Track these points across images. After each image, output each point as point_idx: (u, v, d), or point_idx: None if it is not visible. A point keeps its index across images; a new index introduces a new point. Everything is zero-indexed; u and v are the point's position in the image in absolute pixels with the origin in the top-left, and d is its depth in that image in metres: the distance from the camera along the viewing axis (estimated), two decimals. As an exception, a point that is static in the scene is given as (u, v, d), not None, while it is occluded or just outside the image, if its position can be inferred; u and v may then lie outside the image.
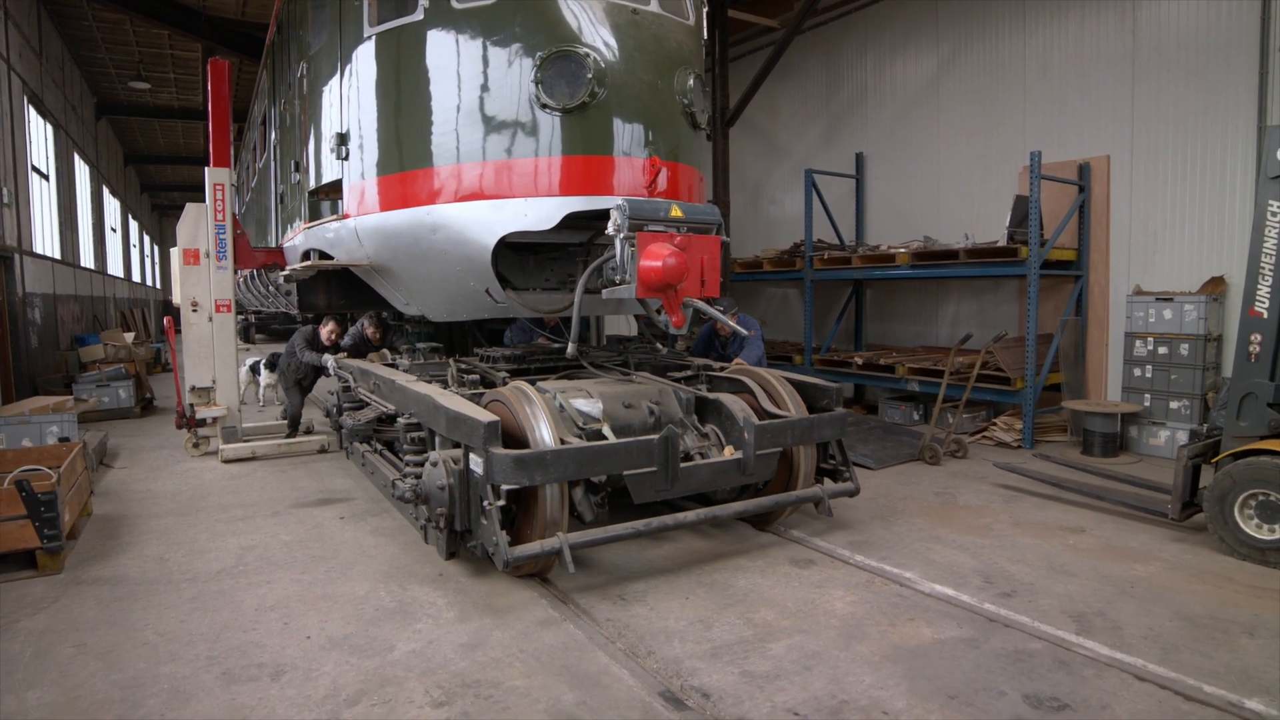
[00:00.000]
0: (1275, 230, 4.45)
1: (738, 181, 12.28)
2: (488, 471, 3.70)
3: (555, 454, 3.80)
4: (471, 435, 3.80)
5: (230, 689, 3.15)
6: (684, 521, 4.30)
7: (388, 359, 6.47)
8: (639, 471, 4.04)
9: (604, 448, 3.97)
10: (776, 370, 5.37)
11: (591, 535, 3.98)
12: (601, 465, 3.96)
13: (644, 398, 4.76)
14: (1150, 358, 7.23)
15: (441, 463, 4.01)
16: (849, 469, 5.06)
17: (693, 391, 5.01)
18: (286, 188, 7.64)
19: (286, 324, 22.16)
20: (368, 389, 5.83)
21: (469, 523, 3.98)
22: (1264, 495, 4.39)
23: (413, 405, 4.67)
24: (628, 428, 4.56)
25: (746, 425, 4.37)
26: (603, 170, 4.82)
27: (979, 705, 2.97)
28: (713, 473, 4.36)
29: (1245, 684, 3.11)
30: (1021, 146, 8.50)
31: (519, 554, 3.72)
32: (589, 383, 4.89)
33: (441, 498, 3.99)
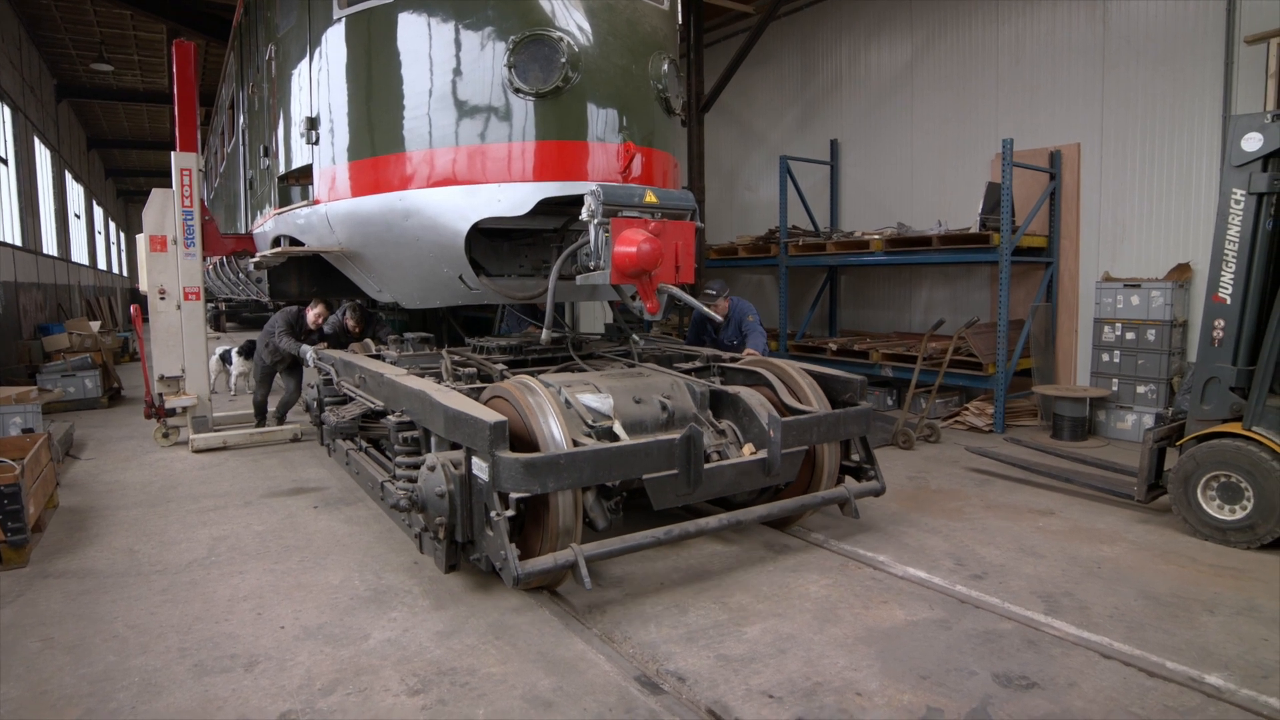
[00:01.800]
0: (1238, 218, 4.53)
1: (713, 168, 12.28)
2: (494, 478, 3.37)
3: (569, 458, 3.46)
4: (475, 437, 3.46)
5: (203, 680, 3.12)
6: (706, 528, 3.96)
7: (371, 349, 6.15)
8: (659, 475, 3.72)
9: (622, 449, 3.65)
10: (794, 361, 5.05)
11: (608, 546, 3.63)
12: (619, 469, 3.61)
13: (655, 392, 4.40)
14: (1118, 343, 7.35)
15: (440, 467, 3.65)
16: (874, 466, 4.71)
17: (707, 385, 4.68)
18: (256, 173, 7.51)
19: (258, 312, 21.85)
20: (352, 383, 5.41)
21: (471, 533, 3.64)
22: (1225, 477, 4.49)
23: (405, 402, 4.29)
24: (639, 425, 4.22)
25: (772, 422, 4.06)
26: (577, 156, 4.79)
27: (950, 685, 3.02)
28: (737, 474, 4.03)
29: (1205, 660, 3.19)
30: (994, 134, 8.58)
31: (530, 569, 3.37)
32: (594, 376, 4.55)
33: (441, 506, 3.63)
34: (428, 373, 4.87)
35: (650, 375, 4.66)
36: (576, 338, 5.69)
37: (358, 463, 5.38)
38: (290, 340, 7.11)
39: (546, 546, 3.60)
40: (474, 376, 4.80)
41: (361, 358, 5.62)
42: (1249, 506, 4.39)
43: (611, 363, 5.22)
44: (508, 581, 3.36)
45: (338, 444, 5.90)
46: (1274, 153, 4.39)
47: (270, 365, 7.65)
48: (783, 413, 4.42)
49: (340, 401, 5.85)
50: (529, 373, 4.71)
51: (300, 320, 7.30)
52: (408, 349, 5.59)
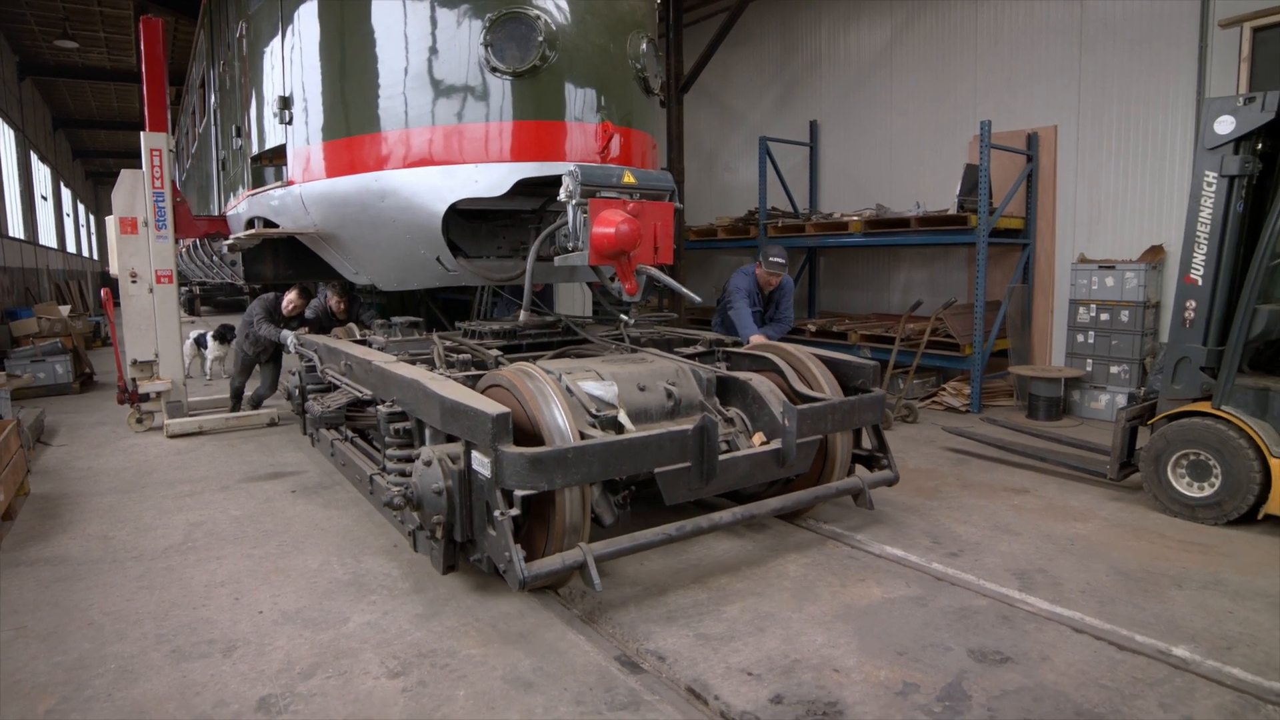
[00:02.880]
0: (1210, 200, 4.58)
1: (692, 149, 12.22)
2: (497, 474, 3.16)
3: (578, 451, 3.23)
4: (475, 430, 3.24)
5: (180, 666, 3.09)
6: (720, 523, 3.76)
7: (355, 334, 5.90)
8: (672, 468, 3.52)
9: (633, 442, 3.42)
10: (803, 346, 4.84)
11: (618, 544, 3.42)
12: (630, 462, 3.40)
13: (660, 378, 4.19)
14: (1093, 324, 7.44)
15: (436, 461, 3.44)
16: (888, 455, 4.57)
17: (714, 371, 4.46)
18: (228, 153, 7.38)
19: (233, 295, 21.58)
20: (338, 370, 5.14)
21: (471, 532, 3.45)
22: (1195, 455, 4.57)
23: (397, 391, 4.05)
24: (643, 413, 4.04)
25: (787, 411, 3.89)
26: (554, 136, 4.75)
27: (926, 660, 3.07)
28: (751, 466, 3.85)
29: (1173, 633, 3.27)
30: (972, 116, 8.61)
31: (537, 571, 3.15)
32: (595, 362, 4.32)
33: (438, 503, 3.42)
34: (418, 359, 4.66)
35: (653, 361, 4.45)
36: (571, 321, 5.54)
37: (344, 454, 5.19)
38: (270, 326, 6.92)
39: (552, 545, 3.40)
40: (468, 363, 4.57)
41: (346, 343, 5.38)
42: (1217, 484, 4.48)
43: (609, 347, 5.03)
44: (513, 585, 3.14)
45: (321, 434, 5.68)
46: (1246, 136, 4.43)
47: (252, 355, 7.45)
48: (793, 400, 4.24)
49: (324, 389, 5.61)
50: (524, 358, 4.55)
51: (279, 306, 7.14)
52: (396, 334, 5.33)
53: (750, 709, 2.76)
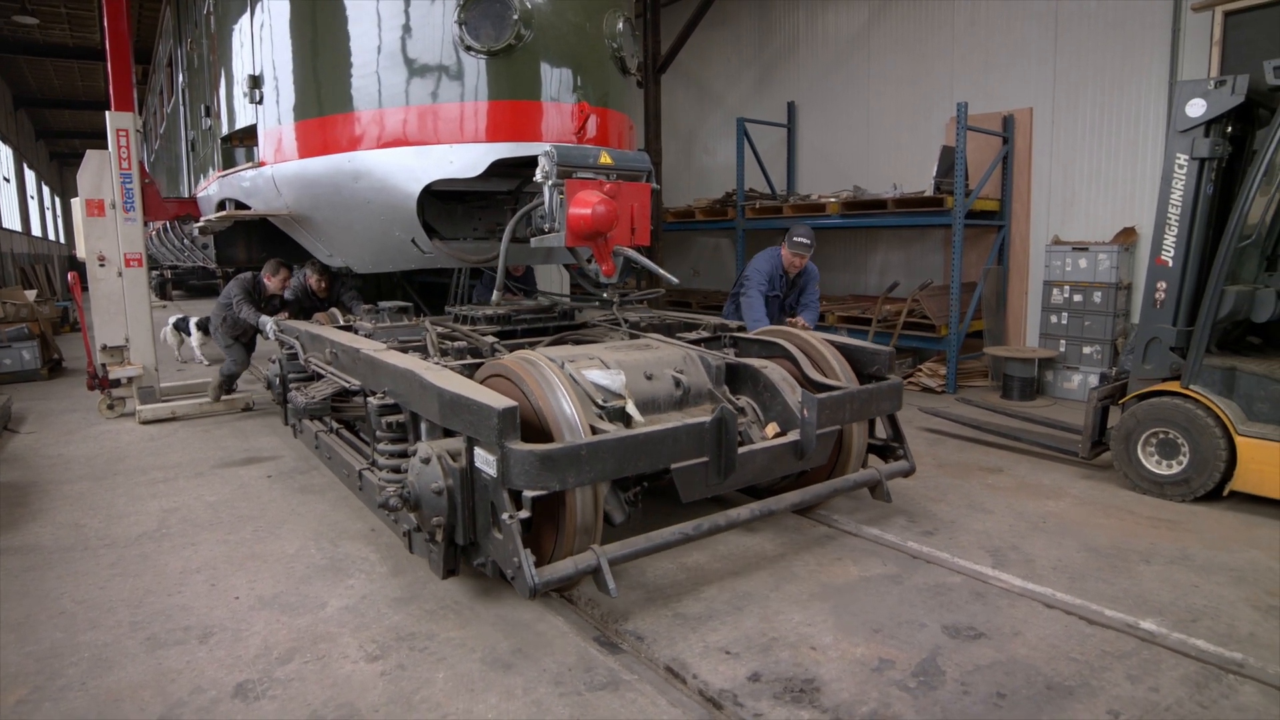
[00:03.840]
0: (1181, 183, 4.64)
1: (670, 130, 12.17)
2: (504, 473, 2.92)
3: (591, 448, 2.99)
4: (479, 425, 2.99)
5: (156, 653, 3.07)
6: (737, 520, 3.58)
7: (338, 319, 5.61)
8: (689, 463, 3.30)
9: (650, 437, 3.17)
10: (816, 332, 4.67)
11: (633, 546, 3.21)
12: (646, 458, 3.17)
13: (667, 366, 3.95)
14: (1066, 305, 7.53)
15: (435, 459, 3.20)
16: (904, 445, 4.39)
17: (723, 357, 4.22)
18: (197, 134, 7.24)
19: (205, 279, 21.27)
20: (322, 359, 4.82)
21: (474, 534, 3.22)
22: (1164, 433, 4.66)
23: (389, 382, 3.78)
24: (651, 403, 3.80)
25: (806, 400, 3.68)
26: (530, 116, 4.70)
27: (901, 637, 3.11)
28: (769, 459, 3.65)
29: (1141, 606, 3.34)
30: (949, 98, 8.63)
31: (548, 577, 2.94)
32: (598, 349, 4.08)
33: (438, 504, 3.19)
34: (409, 347, 4.40)
35: (659, 347, 4.19)
36: (567, 305, 5.30)
37: (329, 446, 4.97)
38: (250, 309, 6.58)
39: (562, 547, 3.19)
40: (464, 351, 4.33)
41: (331, 330, 5.10)
42: (1185, 461, 4.57)
43: (609, 333, 4.82)
44: (522, 592, 2.92)
45: (305, 425, 5.43)
46: (1216, 119, 4.48)
47: (233, 339, 7.11)
48: (807, 388, 4.03)
49: (306, 378, 5.28)
50: (519, 345, 4.38)
51: (258, 287, 6.76)
52: (384, 320, 5.07)
53: (728, 687, 2.78)
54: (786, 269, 6.26)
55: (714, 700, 2.72)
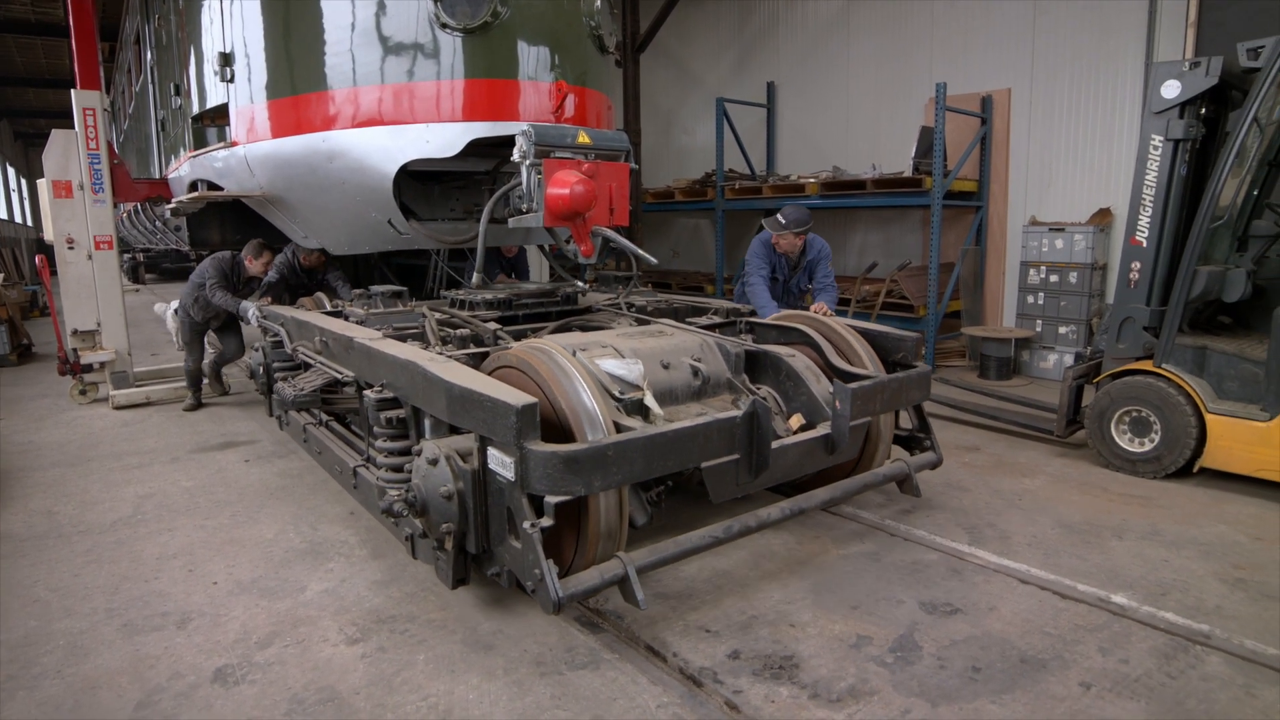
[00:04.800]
0: (1156, 164, 4.68)
1: (649, 110, 12.09)
2: (523, 476, 2.66)
3: (619, 448, 2.71)
4: (494, 424, 2.72)
5: (133, 640, 3.04)
6: (768, 521, 3.33)
7: (324, 304, 5.31)
8: (719, 461, 3.06)
9: (679, 434, 2.88)
10: (838, 317, 4.45)
11: (661, 552, 2.98)
12: (675, 457, 2.90)
13: (683, 354, 3.69)
14: (1042, 285, 7.60)
15: (444, 460, 2.94)
16: (930, 435, 4.19)
17: (743, 344, 3.95)
18: (167, 113, 7.09)
19: (179, 262, 20.90)
20: (312, 348, 4.50)
21: (487, 542, 2.97)
22: (1137, 412, 4.73)
23: (388, 374, 3.49)
24: (669, 394, 3.53)
25: (839, 391, 3.45)
26: (507, 95, 4.65)
27: (879, 613, 3.15)
28: (800, 454, 3.40)
29: (1112, 581, 3.40)
30: (928, 78, 8.62)
31: (573, 590, 2.70)
32: (609, 336, 3.79)
33: (447, 510, 2.94)
34: (406, 335, 4.11)
35: (673, 334, 3.92)
36: (569, 289, 5.09)
37: (319, 440, 4.68)
38: (226, 295, 6.10)
39: (584, 554, 2.98)
40: (466, 340, 4.04)
41: (319, 316, 4.79)
42: (1157, 439, 4.64)
43: (616, 318, 4.57)
44: (546, 607, 2.67)
45: (292, 417, 5.15)
46: (1191, 100, 4.52)
47: (201, 323, 6.66)
48: (830, 376, 3.84)
49: (293, 367, 4.98)
50: (521, 332, 4.19)
51: (237, 269, 6.30)
52: (377, 305, 4.70)
53: (708, 665, 2.81)
54: (785, 252, 5.86)
55: (694, 678, 2.75)
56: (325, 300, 5.52)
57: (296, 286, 6.49)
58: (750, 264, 5.82)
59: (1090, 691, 2.63)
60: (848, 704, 2.59)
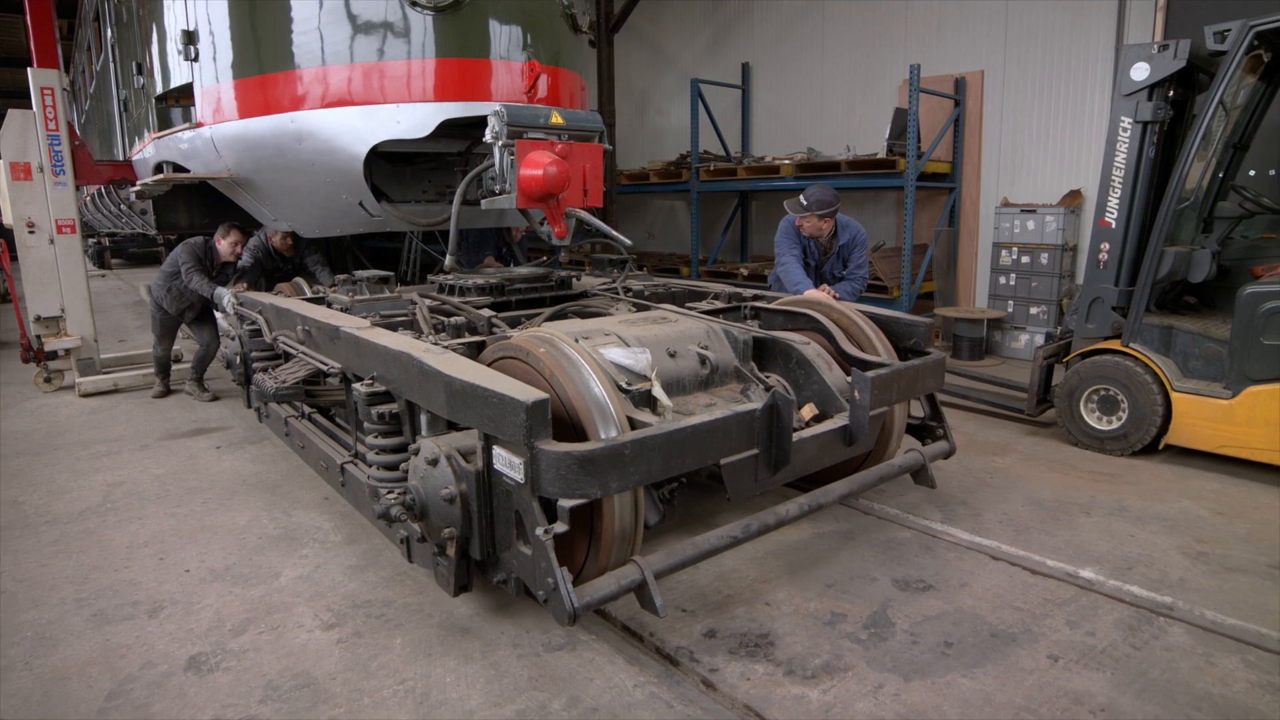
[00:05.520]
0: (1125, 145, 4.73)
1: (624, 91, 12.00)
2: (533, 478, 2.48)
3: (637, 446, 2.52)
4: (501, 421, 2.52)
5: (103, 630, 3.00)
6: (786, 518, 3.16)
7: (304, 290, 5.08)
8: (739, 457, 2.89)
9: (698, 429, 2.70)
10: (849, 303, 4.26)
11: (680, 554, 2.79)
12: (694, 454, 2.71)
13: (690, 342, 3.50)
14: (1014, 266, 7.68)
15: (444, 460, 2.76)
16: (943, 424, 4.04)
17: (750, 331, 3.79)
18: (129, 93, 6.92)
19: (146, 246, 20.50)
20: (294, 338, 4.25)
21: (493, 547, 2.78)
22: (1105, 390, 4.81)
23: (379, 366, 3.26)
24: (676, 384, 3.34)
25: (858, 380, 3.27)
26: (479, 74, 4.59)
27: (853, 591, 3.20)
28: (818, 448, 3.24)
29: (1080, 556, 3.47)
30: (902, 60, 8.64)
31: (589, 599, 2.49)
32: (610, 323, 3.58)
33: (449, 514, 2.75)
34: (395, 323, 3.91)
35: (677, 320, 3.72)
36: (562, 273, 4.90)
37: (302, 435, 4.47)
38: (202, 279, 5.84)
39: (597, 558, 2.78)
40: (460, 328, 3.85)
41: (300, 303, 4.54)
42: (1124, 417, 4.73)
43: (613, 303, 4.38)
44: (560, 618, 2.47)
45: (272, 410, 4.94)
46: (1159, 83, 4.56)
47: (175, 314, 6.33)
48: (841, 364, 3.73)
49: (272, 357, 4.71)
50: (514, 318, 4.02)
51: (210, 253, 6.05)
52: (362, 291, 4.42)
53: (685, 644, 2.83)
54: (810, 236, 5.49)
55: (670, 657, 2.77)
56: (305, 286, 5.31)
57: (272, 271, 6.38)
58: (779, 246, 5.52)
59: (1058, 664, 2.69)
60: (822, 680, 2.62)
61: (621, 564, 2.73)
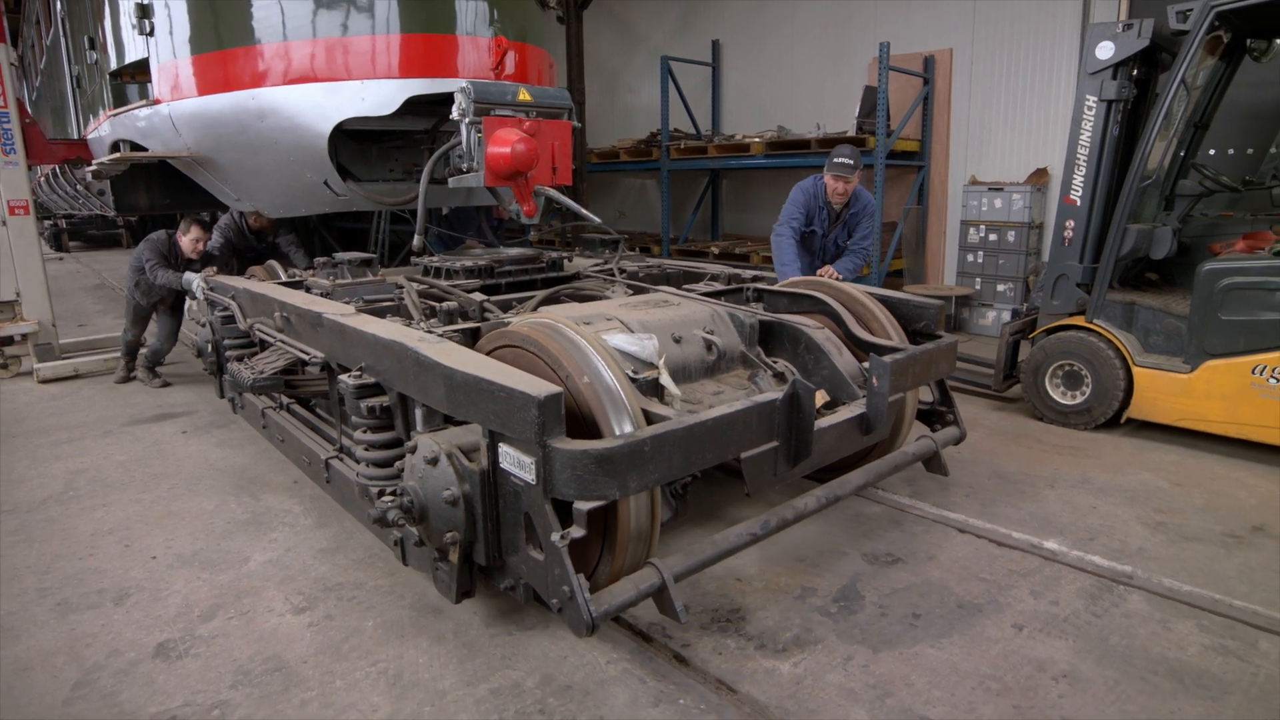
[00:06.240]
0: (1090, 124, 4.78)
1: (593, 69, 11.86)
2: (546, 479, 2.29)
3: (657, 442, 2.34)
4: (511, 418, 2.32)
5: (68, 619, 2.95)
6: (805, 512, 3.01)
7: (278, 274, 4.87)
8: (759, 450, 2.73)
9: (719, 423, 2.54)
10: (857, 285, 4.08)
11: (700, 555, 2.65)
12: (715, 449, 2.55)
13: (694, 326, 3.34)
14: (981, 244, 7.76)
15: (445, 459, 2.58)
16: (954, 410, 3.91)
17: (756, 314, 3.61)
18: (82, 69, 6.71)
19: (105, 229, 19.99)
20: (272, 325, 3.98)
21: (499, 552, 2.61)
22: (1069, 365, 4.89)
23: (368, 356, 3.06)
24: (682, 371, 3.17)
25: (876, 365, 3.13)
26: (445, 50, 4.51)
27: (823, 565, 3.24)
28: (836, 437, 3.07)
29: (1045, 528, 3.55)
30: (872, 38, 8.62)
31: (608, 606, 2.33)
32: (611, 306, 3.40)
33: (451, 517, 2.57)
34: (381, 309, 3.73)
35: (678, 303, 3.55)
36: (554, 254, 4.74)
37: (281, 427, 4.24)
38: (169, 272, 5.63)
39: (611, 560, 2.62)
40: (453, 314, 3.62)
41: (277, 288, 4.28)
42: (1088, 391, 4.82)
43: (609, 285, 4.21)
44: (577, 629, 2.31)
45: (248, 400, 4.71)
46: (1124, 61, 4.61)
47: (147, 307, 6.14)
48: (852, 349, 3.58)
49: (246, 345, 4.46)
50: (505, 302, 3.85)
51: (174, 247, 5.82)
52: (344, 275, 4.20)
53: (657, 620, 2.85)
54: (830, 200, 5.19)
55: (643, 633, 2.79)
56: (279, 269, 5.08)
57: (244, 251, 6.21)
58: (784, 212, 5.21)
59: (1022, 632, 2.75)
60: (793, 653, 2.66)
61: (637, 565, 2.58)
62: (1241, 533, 3.49)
